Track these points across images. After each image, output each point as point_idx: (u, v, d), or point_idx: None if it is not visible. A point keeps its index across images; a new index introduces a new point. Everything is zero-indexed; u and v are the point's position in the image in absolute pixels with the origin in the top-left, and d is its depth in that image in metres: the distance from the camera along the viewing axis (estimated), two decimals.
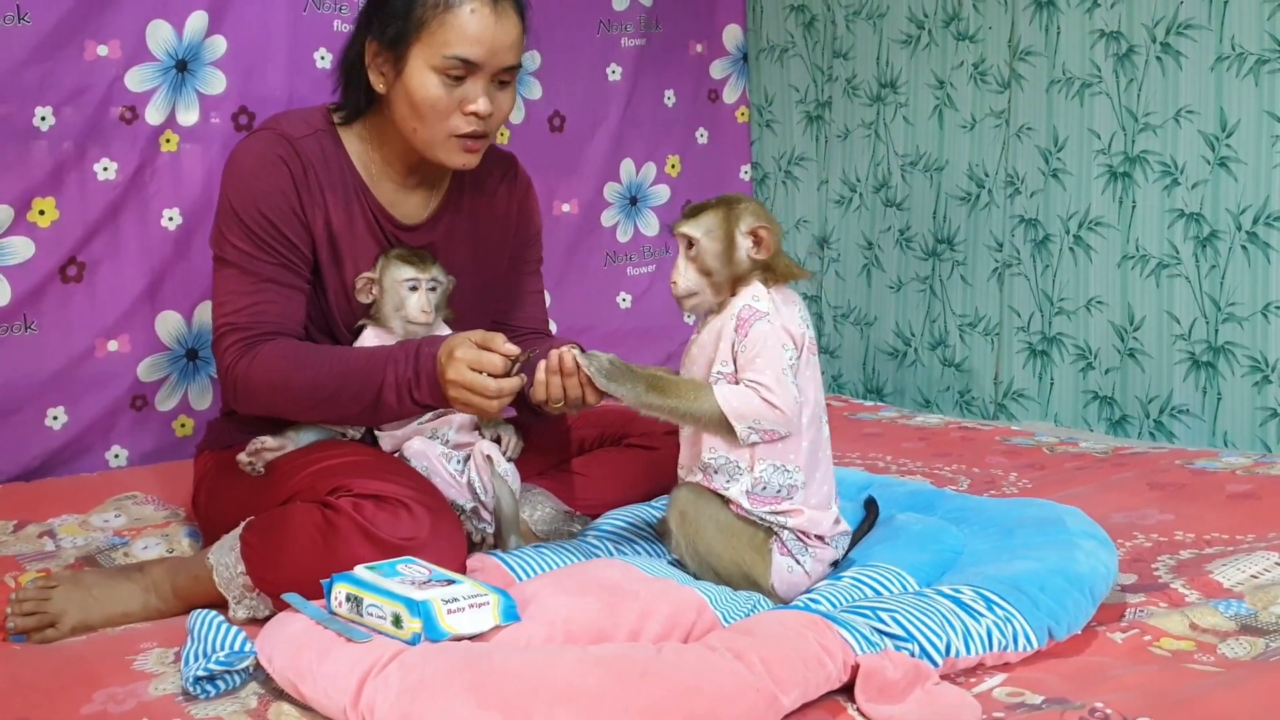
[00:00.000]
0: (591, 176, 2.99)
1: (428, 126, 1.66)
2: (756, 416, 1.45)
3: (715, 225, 1.51)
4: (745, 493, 1.48)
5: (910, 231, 2.97)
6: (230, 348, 1.63)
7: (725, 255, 1.50)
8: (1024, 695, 1.25)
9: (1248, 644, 1.36)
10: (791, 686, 1.20)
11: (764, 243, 1.49)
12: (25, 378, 2.24)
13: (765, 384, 1.45)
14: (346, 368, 1.58)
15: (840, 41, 3.09)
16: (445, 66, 1.62)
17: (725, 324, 1.49)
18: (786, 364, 1.46)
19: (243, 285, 1.65)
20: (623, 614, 1.33)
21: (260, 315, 1.64)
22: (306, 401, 1.61)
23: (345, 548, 1.46)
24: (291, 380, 1.60)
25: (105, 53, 2.27)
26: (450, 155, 1.69)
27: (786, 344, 1.47)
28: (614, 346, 2.99)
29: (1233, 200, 2.34)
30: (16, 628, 1.52)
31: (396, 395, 1.54)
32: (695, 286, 1.52)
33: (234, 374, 1.62)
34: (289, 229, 1.68)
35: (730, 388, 1.46)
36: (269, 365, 1.60)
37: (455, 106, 1.65)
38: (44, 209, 2.24)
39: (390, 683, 1.17)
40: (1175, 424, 2.46)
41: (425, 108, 1.64)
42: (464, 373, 1.47)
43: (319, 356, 1.61)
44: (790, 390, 1.46)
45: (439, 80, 1.63)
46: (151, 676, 1.33)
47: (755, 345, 1.46)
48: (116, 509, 2.00)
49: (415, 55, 1.63)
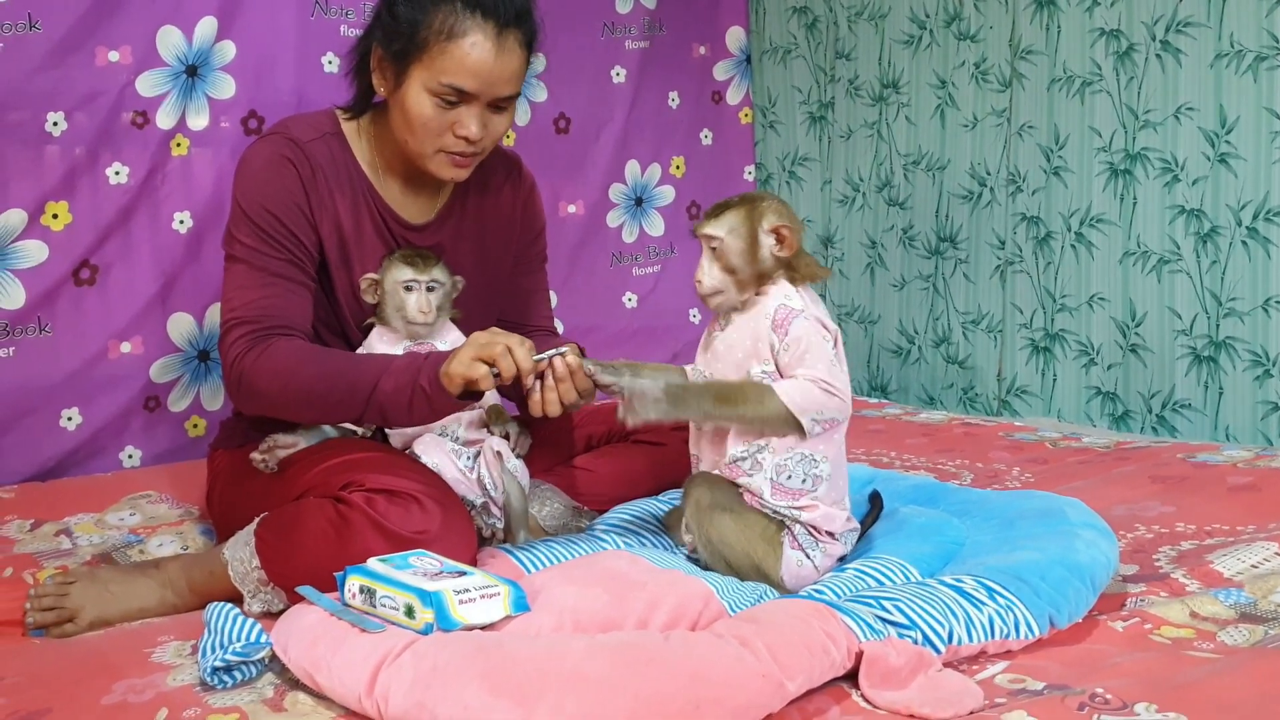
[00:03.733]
0: (597, 178, 3.02)
1: (418, 141, 1.68)
2: (820, 408, 1.48)
3: (738, 224, 1.53)
4: (769, 480, 1.50)
5: (913, 230, 2.99)
6: (236, 341, 1.63)
7: (748, 253, 1.52)
8: (1025, 681, 1.27)
9: (1247, 631, 1.38)
10: (797, 673, 1.22)
11: (787, 240, 1.52)
12: (40, 379, 2.26)
13: (821, 375, 1.48)
14: (349, 364, 1.60)
15: (842, 42, 3.11)
16: (441, 91, 1.64)
17: (759, 324, 1.51)
18: (831, 354, 1.50)
19: (250, 280, 1.67)
20: (631, 603, 1.35)
21: (267, 309, 1.65)
22: (307, 398, 1.60)
23: (358, 541, 1.48)
24: (295, 377, 1.59)
25: (116, 59, 2.30)
26: (439, 168, 1.71)
27: (825, 335, 1.50)
28: (620, 346, 3.04)
29: (1233, 196, 2.36)
30: (36, 623, 1.54)
31: (395, 384, 1.52)
32: (720, 285, 1.54)
33: (239, 367, 1.62)
34: (296, 227, 1.70)
35: (790, 383, 1.49)
36: (274, 362, 1.60)
37: (447, 127, 1.67)
38: (57, 213, 2.26)
39: (404, 671, 1.20)
40: (1177, 418, 2.48)
41: (417, 125, 1.67)
42: (489, 336, 1.48)
43: (323, 356, 1.63)
44: (842, 377, 1.50)
45: (433, 102, 1.65)
46: (170, 668, 1.35)
47: (800, 341, 1.49)
48: (131, 508, 2.03)
49: (414, 75, 1.65)
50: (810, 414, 1.48)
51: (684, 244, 3.19)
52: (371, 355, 1.65)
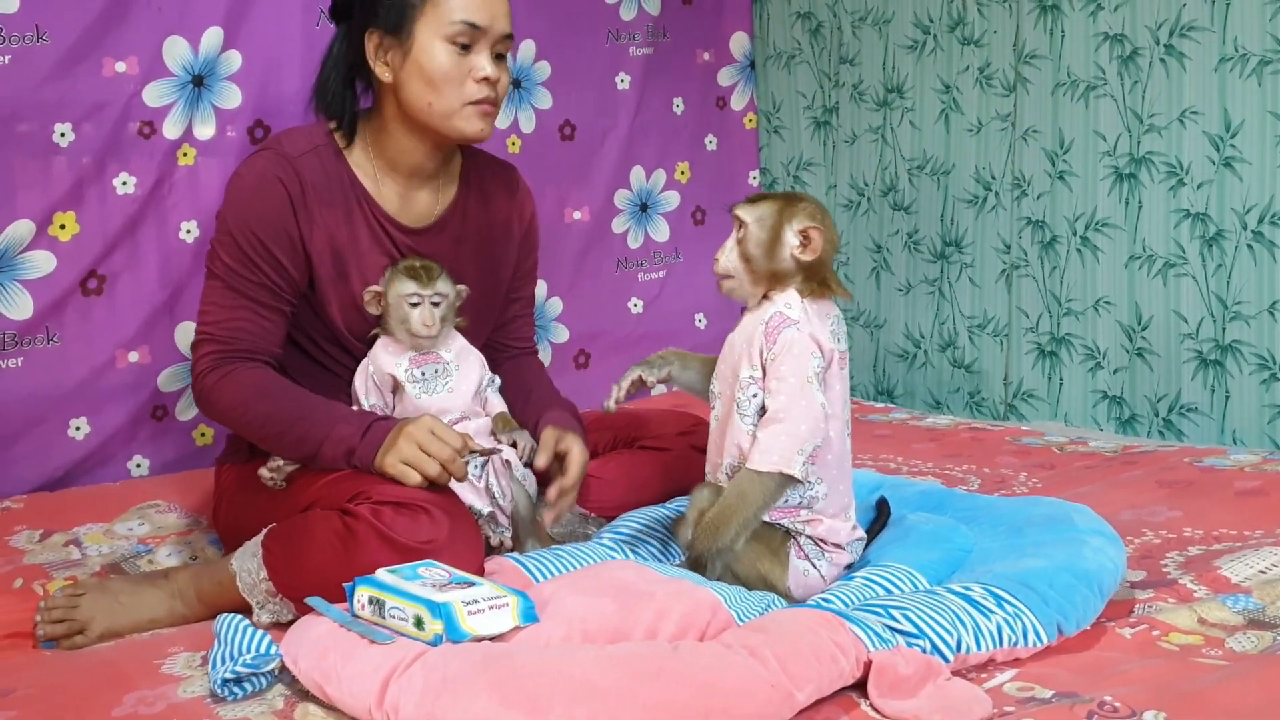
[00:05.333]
0: (602, 184, 3.02)
1: (443, 97, 1.73)
2: (797, 448, 1.46)
3: (768, 215, 1.53)
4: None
5: (918, 234, 2.99)
6: (204, 357, 1.71)
7: (768, 246, 1.52)
8: (1034, 689, 1.27)
9: (1255, 638, 1.38)
10: (805, 682, 1.22)
11: (811, 244, 1.51)
12: (48, 389, 2.27)
13: (780, 410, 1.46)
14: (301, 413, 1.65)
15: (846, 48, 3.11)
16: (453, 34, 1.70)
17: (756, 329, 1.52)
18: (813, 371, 1.48)
19: (224, 300, 1.72)
20: (639, 614, 1.35)
21: (236, 332, 1.71)
22: (259, 433, 1.68)
23: (364, 553, 1.48)
24: (249, 410, 1.67)
25: (123, 69, 2.30)
26: (468, 123, 1.75)
27: (814, 352, 1.49)
28: (625, 351, 3.05)
29: (1238, 200, 2.36)
30: (46, 635, 1.55)
31: (333, 454, 1.62)
32: (734, 270, 1.54)
33: (203, 384, 1.70)
34: (280, 250, 1.72)
35: (757, 447, 1.47)
36: (235, 389, 1.68)
37: (466, 75, 1.73)
38: (65, 223, 2.27)
39: (414, 683, 1.20)
40: (1184, 422, 2.47)
41: (439, 77, 1.71)
42: (431, 426, 1.59)
43: (279, 395, 1.68)
44: (814, 398, 1.47)
45: (448, 50, 1.71)
46: (180, 679, 1.36)
47: (781, 353, 1.48)
48: (140, 517, 2.03)
49: (422, 29, 1.71)
50: (794, 459, 1.46)
51: (689, 249, 3.20)
52: (323, 407, 1.67)
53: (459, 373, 1.76)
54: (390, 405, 1.74)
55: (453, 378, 1.75)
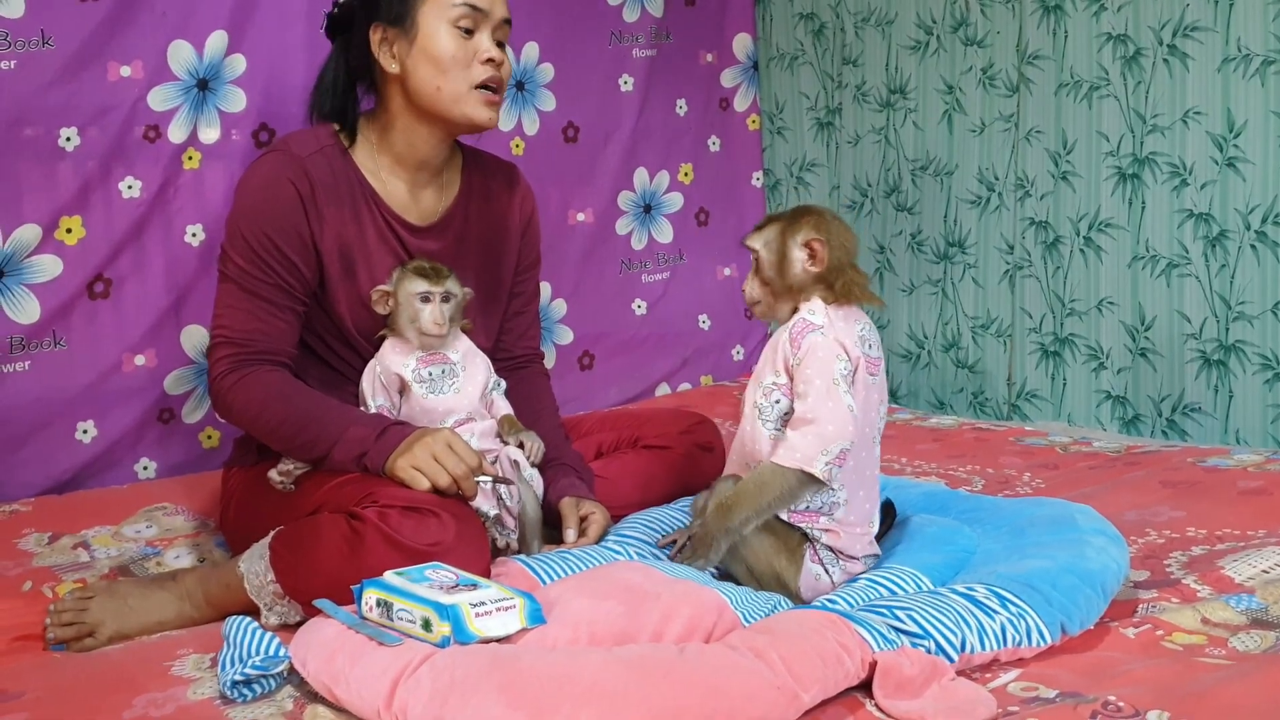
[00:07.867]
0: (605, 185, 3.03)
1: (451, 80, 1.75)
2: (822, 449, 1.47)
3: (773, 238, 1.57)
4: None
5: (921, 235, 2.99)
6: (220, 360, 1.72)
7: (779, 267, 1.56)
8: (1038, 689, 1.28)
9: (1258, 637, 1.38)
10: (811, 684, 1.23)
11: (817, 255, 1.53)
12: (55, 393, 2.28)
13: (808, 411, 1.48)
14: (316, 414, 1.67)
15: (849, 49, 3.12)
16: (456, 17, 1.74)
17: (781, 337, 1.55)
18: (839, 374, 1.49)
19: (239, 302, 1.73)
20: (645, 616, 1.36)
21: (252, 334, 1.72)
22: (274, 435, 1.70)
23: (371, 556, 1.49)
24: (265, 412, 1.68)
25: (128, 73, 2.31)
26: (475, 108, 1.77)
27: (840, 355, 1.50)
28: (629, 353, 3.05)
29: (1241, 200, 2.36)
30: (56, 638, 1.56)
31: (344, 455, 1.64)
32: (758, 296, 1.58)
33: (220, 386, 1.72)
34: (292, 250, 1.73)
35: (784, 443, 1.49)
36: (251, 392, 1.69)
37: (471, 57, 1.76)
38: (71, 227, 2.28)
39: (422, 685, 1.21)
40: (1187, 422, 2.48)
41: (446, 60, 1.74)
42: (449, 440, 1.61)
43: (295, 398, 1.69)
44: (841, 399, 1.48)
45: (453, 33, 1.75)
46: (190, 681, 1.37)
47: (806, 357, 1.50)
48: (148, 520, 2.04)
49: (425, 15, 1.74)
50: (818, 459, 1.47)
51: (693, 250, 3.21)
52: (338, 410, 1.69)
53: (465, 374, 1.77)
54: (397, 406, 1.75)
55: (459, 379, 1.76)
